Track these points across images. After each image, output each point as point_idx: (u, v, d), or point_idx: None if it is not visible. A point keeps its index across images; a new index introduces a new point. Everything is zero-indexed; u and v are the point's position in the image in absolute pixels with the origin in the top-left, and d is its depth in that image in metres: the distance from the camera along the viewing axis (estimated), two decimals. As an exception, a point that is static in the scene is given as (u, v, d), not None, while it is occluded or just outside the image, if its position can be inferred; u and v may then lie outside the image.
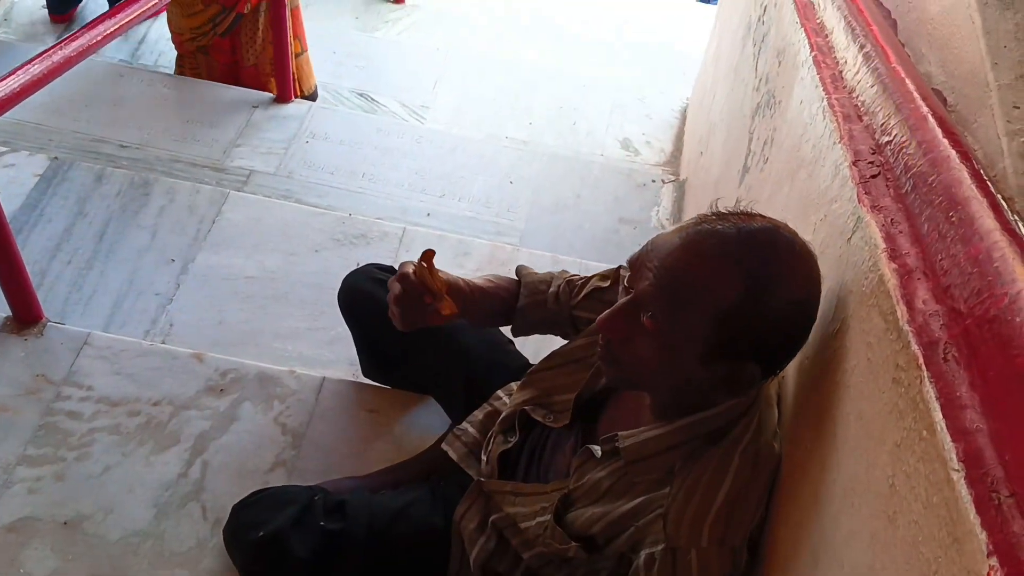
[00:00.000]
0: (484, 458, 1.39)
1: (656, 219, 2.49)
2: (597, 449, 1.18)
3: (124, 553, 1.48)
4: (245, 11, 2.69)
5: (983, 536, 0.60)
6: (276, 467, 1.61)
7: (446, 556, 1.40)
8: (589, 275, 1.41)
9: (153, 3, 1.95)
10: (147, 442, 1.62)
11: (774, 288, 0.97)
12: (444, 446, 1.48)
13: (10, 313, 1.78)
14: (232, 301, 2.06)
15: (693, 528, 1.06)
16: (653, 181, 2.62)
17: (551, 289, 1.40)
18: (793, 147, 1.40)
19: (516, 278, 1.42)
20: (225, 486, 1.56)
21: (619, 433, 1.16)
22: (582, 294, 1.37)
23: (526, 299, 1.39)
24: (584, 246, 2.37)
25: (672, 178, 2.64)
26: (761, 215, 1.04)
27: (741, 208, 1.06)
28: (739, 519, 1.07)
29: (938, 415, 0.69)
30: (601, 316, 1.07)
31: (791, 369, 1.11)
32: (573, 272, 1.44)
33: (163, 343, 1.92)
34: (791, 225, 1.04)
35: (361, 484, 1.53)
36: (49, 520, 1.51)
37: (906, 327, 0.78)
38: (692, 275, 0.99)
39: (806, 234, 1.16)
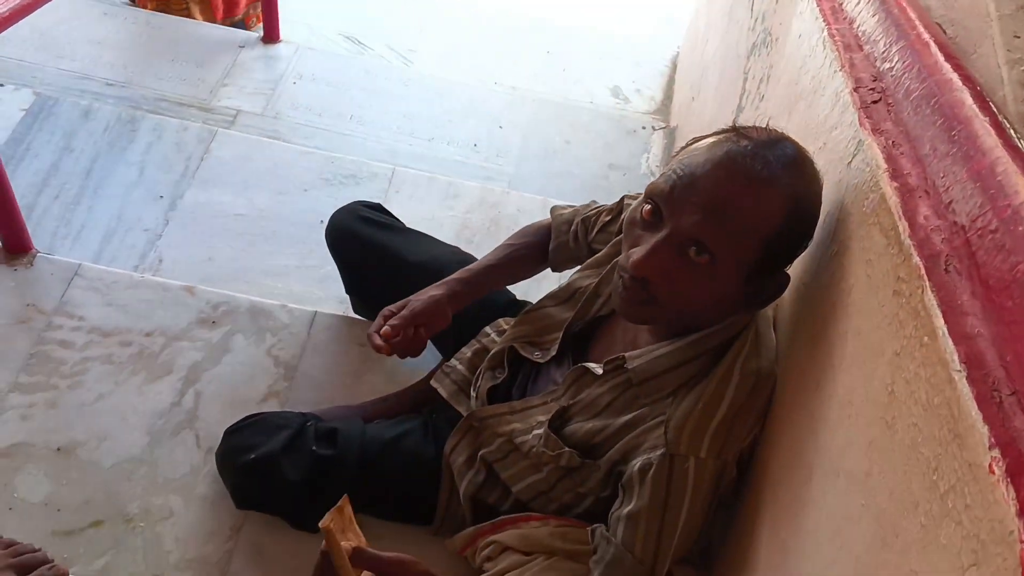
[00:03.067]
0: (474, 394, 1.41)
1: (646, 166, 2.50)
2: (597, 367, 1.19)
3: (118, 479, 1.49)
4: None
5: (985, 430, 0.61)
6: (269, 397, 1.61)
7: (436, 487, 1.42)
8: (599, 208, 1.43)
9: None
10: (140, 372, 1.62)
11: (809, 201, 1.03)
12: (433, 383, 1.50)
13: (1, 241, 1.77)
14: (222, 238, 2.05)
15: (694, 437, 1.08)
16: (643, 128, 2.62)
17: (571, 228, 1.44)
18: (791, 81, 1.41)
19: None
20: (218, 415, 1.57)
21: (625, 354, 1.17)
22: (595, 229, 1.40)
23: (554, 242, 1.46)
24: (573, 191, 2.38)
25: (662, 125, 2.64)
26: (775, 129, 1.07)
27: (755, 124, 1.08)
28: (736, 434, 1.10)
29: (940, 321, 0.71)
30: (635, 259, 1.04)
31: (787, 294, 1.13)
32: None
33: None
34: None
35: (354, 412, 1.54)
36: (42, 446, 1.51)
37: (908, 241, 0.79)
38: (745, 204, 0.99)
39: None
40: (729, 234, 1.00)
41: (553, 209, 1.49)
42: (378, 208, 1.70)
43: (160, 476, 1.50)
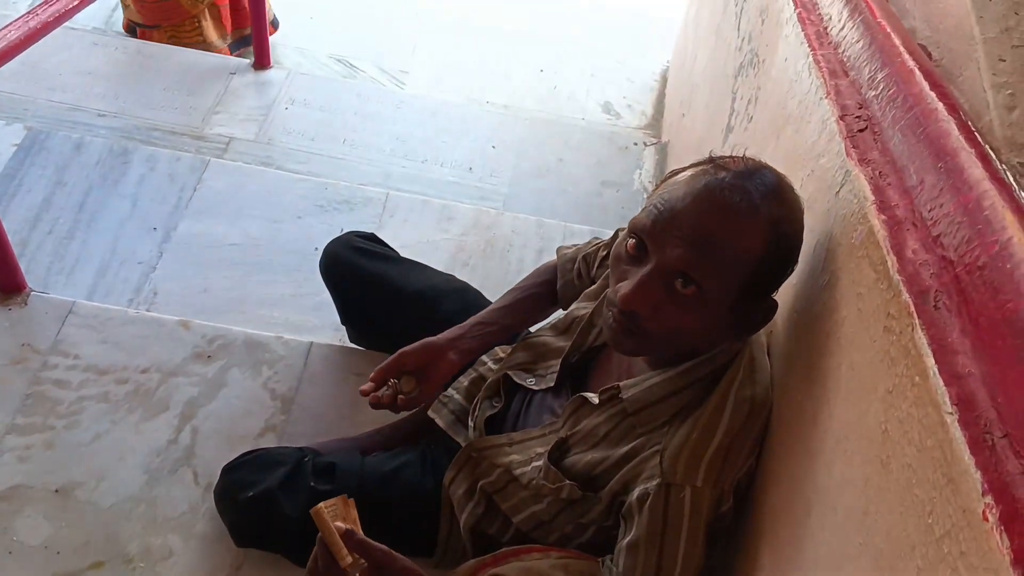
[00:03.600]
0: (471, 424, 1.40)
1: (639, 182, 2.50)
2: (594, 397, 1.19)
3: (117, 519, 1.48)
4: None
5: (977, 476, 0.61)
6: (266, 432, 1.61)
7: (436, 518, 1.41)
8: (599, 244, 1.45)
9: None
10: (136, 409, 1.61)
11: (791, 227, 1.04)
12: (431, 413, 1.49)
13: (-7, 282, 1.77)
14: (216, 268, 2.05)
15: (690, 465, 1.07)
16: (635, 144, 2.62)
17: (575, 266, 1.46)
18: (778, 104, 1.41)
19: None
20: (215, 451, 1.57)
21: (619, 383, 1.17)
22: (596, 264, 1.43)
23: (561, 280, 1.46)
24: (568, 209, 2.38)
25: (654, 141, 2.64)
26: (751, 158, 1.07)
27: (731, 154, 1.08)
28: (732, 462, 1.10)
29: (930, 360, 0.70)
30: (623, 293, 1.04)
31: (780, 322, 1.13)
32: (560, 238, 1.49)
33: (148, 311, 1.91)
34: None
35: (351, 445, 1.53)
36: (41, 488, 1.51)
37: (896, 276, 0.79)
38: (726, 234, 1.01)
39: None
40: (714, 265, 1.01)
41: (559, 249, 1.50)
42: (372, 238, 1.70)
43: (159, 515, 1.49)
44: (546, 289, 1.47)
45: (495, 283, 2.03)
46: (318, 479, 1.40)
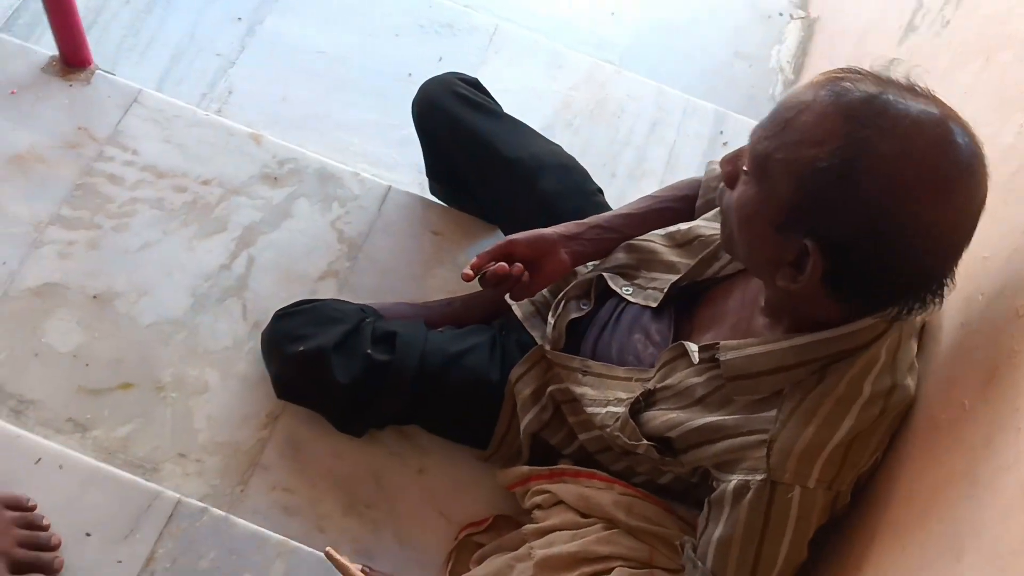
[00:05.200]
0: (551, 322, 1.24)
1: (776, 59, 2.20)
2: (695, 353, 1.01)
3: (154, 340, 1.37)
4: None
5: None
6: (327, 276, 1.47)
7: (495, 414, 1.28)
8: None
9: None
10: (191, 224, 1.47)
11: (883, 178, 0.81)
12: (508, 299, 1.32)
13: (56, 52, 1.60)
14: (298, 76, 1.86)
15: (802, 463, 0.91)
16: (780, 15, 2.30)
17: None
18: (997, 17, 1.15)
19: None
20: (270, 287, 1.44)
21: (721, 343, 0.99)
22: None
23: (702, 199, 1.24)
24: (691, 78, 2.10)
25: (802, 14, 2.33)
26: (936, 98, 0.84)
27: (913, 79, 0.85)
28: (853, 461, 0.92)
29: None
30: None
31: (957, 309, 0.92)
32: (679, 112, 1.50)
33: (219, 111, 1.74)
34: (974, 121, 0.83)
35: (417, 313, 1.39)
36: (78, 291, 1.39)
37: None
38: (793, 119, 0.85)
39: (1002, 137, 0.94)
40: (768, 146, 0.87)
41: (709, 163, 1.27)
42: (475, 84, 1.49)
43: (199, 345, 1.38)
44: (684, 205, 1.25)
45: (597, 151, 1.83)
46: (376, 347, 1.27)
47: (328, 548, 1.03)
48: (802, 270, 0.88)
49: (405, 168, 1.74)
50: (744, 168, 0.91)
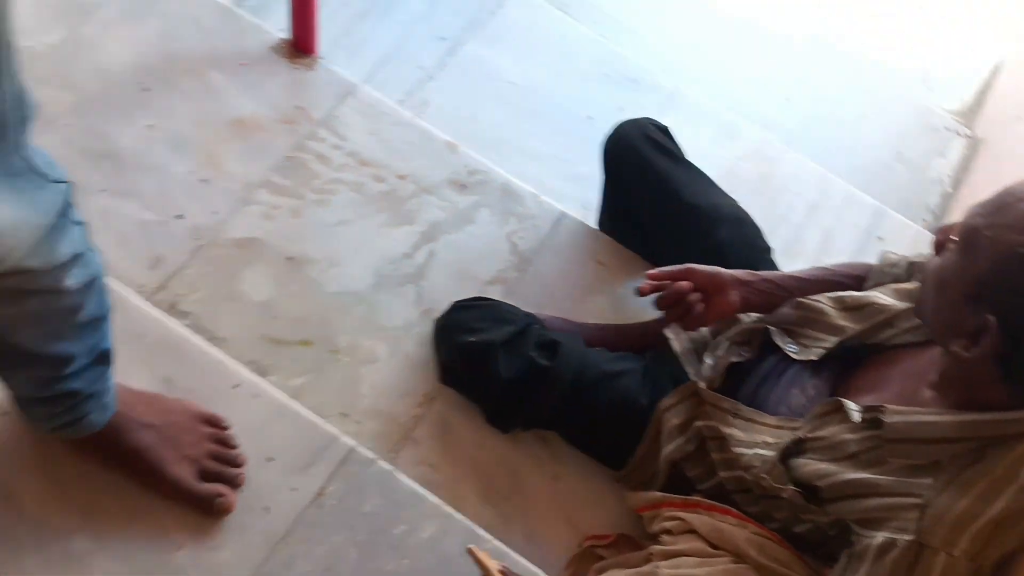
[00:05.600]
0: (710, 362, 1.31)
1: (936, 171, 2.26)
2: (854, 411, 1.07)
3: (336, 308, 1.49)
4: None
5: None
6: (496, 281, 1.57)
7: (636, 438, 1.35)
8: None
9: None
10: (384, 211, 1.60)
11: None
12: (668, 332, 1.40)
13: (290, 36, 1.76)
14: (489, 100, 2.00)
15: (953, 531, 0.95)
16: (946, 128, 2.37)
17: (894, 269, 1.31)
18: None
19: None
20: (444, 281, 1.54)
21: (886, 406, 1.05)
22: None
23: (871, 282, 1.31)
24: (851, 172, 2.17)
25: (968, 132, 2.38)
26: None
27: None
28: (1000, 540, 0.96)
29: None
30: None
31: None
32: (839, 200, 1.70)
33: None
34: None
35: (575, 330, 1.47)
36: (276, 250, 1.52)
37: None
38: (1011, 204, 0.94)
39: None
40: (960, 241, 0.98)
41: (885, 251, 1.34)
42: (665, 131, 1.59)
43: (375, 319, 1.49)
44: (854, 284, 1.31)
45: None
46: (540, 351, 1.36)
47: (470, 546, 1.07)
48: (978, 343, 0.95)
49: (571, 202, 1.83)
50: (953, 238, 0.99)
